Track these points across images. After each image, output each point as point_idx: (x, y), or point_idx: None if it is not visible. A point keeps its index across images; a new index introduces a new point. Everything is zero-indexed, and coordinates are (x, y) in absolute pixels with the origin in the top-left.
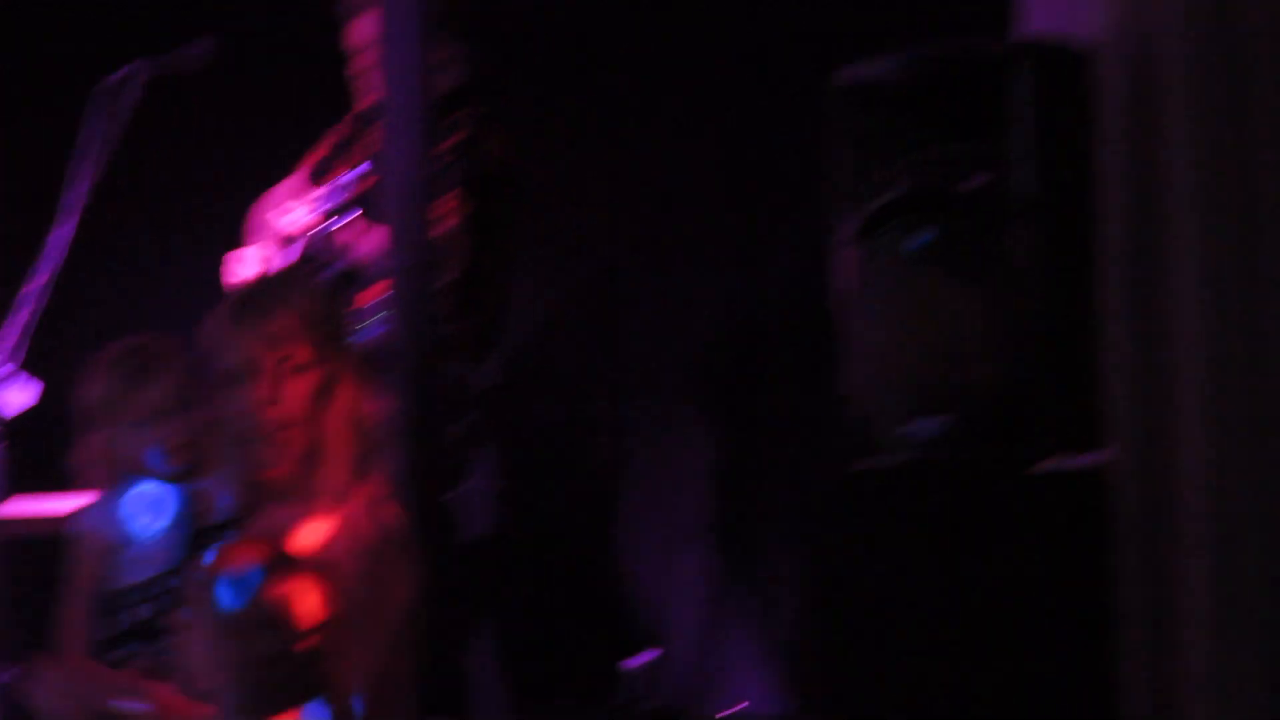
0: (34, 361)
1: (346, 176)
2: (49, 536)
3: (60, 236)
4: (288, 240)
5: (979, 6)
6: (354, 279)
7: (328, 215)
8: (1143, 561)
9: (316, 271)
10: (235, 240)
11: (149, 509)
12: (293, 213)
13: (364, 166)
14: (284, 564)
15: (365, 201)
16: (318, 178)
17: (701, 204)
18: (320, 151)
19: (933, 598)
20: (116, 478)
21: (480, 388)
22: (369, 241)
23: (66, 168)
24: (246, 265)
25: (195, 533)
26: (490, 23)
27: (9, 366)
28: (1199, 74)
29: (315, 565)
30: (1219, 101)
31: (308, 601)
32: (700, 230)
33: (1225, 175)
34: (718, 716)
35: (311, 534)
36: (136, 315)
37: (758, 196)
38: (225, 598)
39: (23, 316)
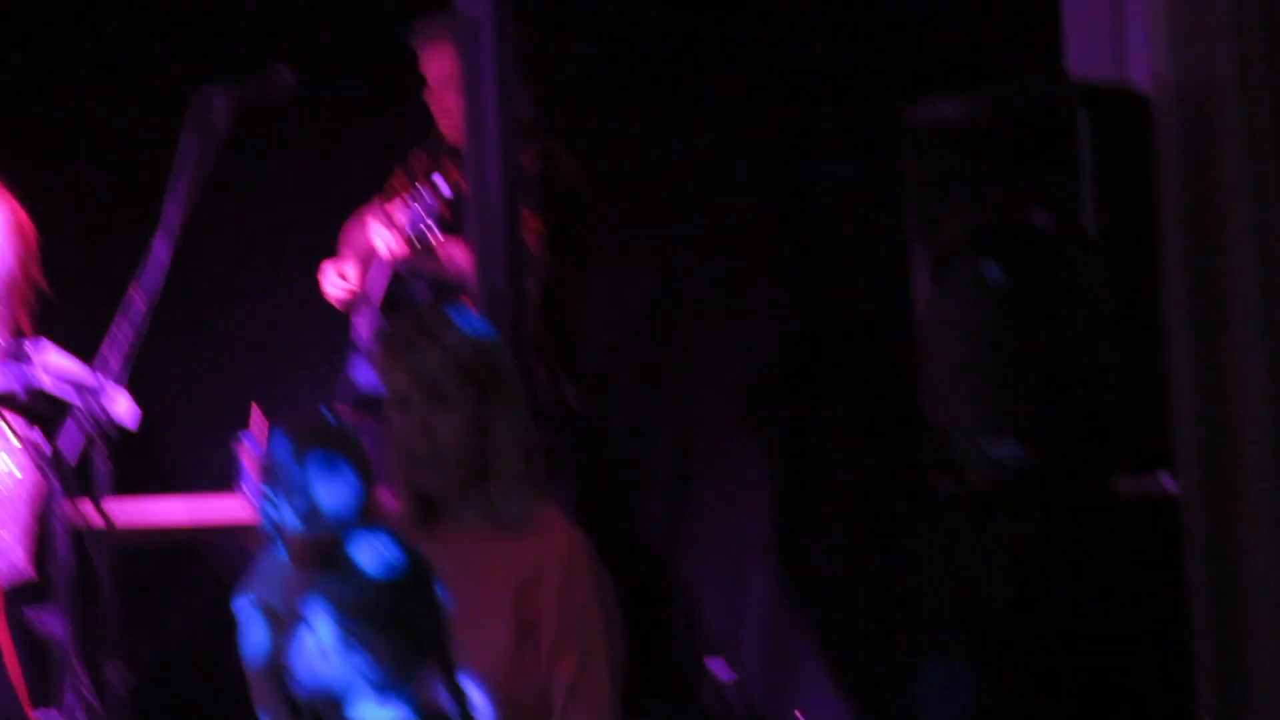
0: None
1: (432, 194)
2: (159, 543)
3: (159, 252)
4: (376, 257)
5: (1029, 45)
6: (443, 291)
7: (416, 231)
8: (1212, 577)
9: (409, 285)
10: (327, 254)
11: None
12: (382, 230)
13: (447, 186)
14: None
15: (449, 218)
16: (404, 197)
17: (769, 225)
18: (405, 174)
19: (1009, 613)
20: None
21: (563, 403)
22: (455, 255)
23: (162, 185)
24: (341, 277)
25: None
26: (563, 58)
27: (116, 380)
28: (1255, 117)
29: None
30: (1274, 142)
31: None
32: (768, 248)
33: None
34: None
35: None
36: (231, 327)
37: (825, 220)
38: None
39: (127, 331)
